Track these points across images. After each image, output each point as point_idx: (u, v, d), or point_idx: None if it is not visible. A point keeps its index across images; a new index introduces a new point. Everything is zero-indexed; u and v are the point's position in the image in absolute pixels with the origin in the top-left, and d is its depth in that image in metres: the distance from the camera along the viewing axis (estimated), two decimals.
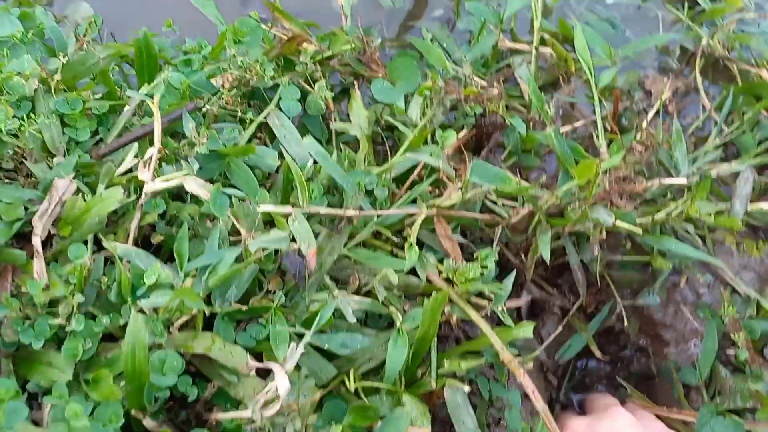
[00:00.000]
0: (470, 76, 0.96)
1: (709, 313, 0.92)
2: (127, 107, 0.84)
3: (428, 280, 0.80)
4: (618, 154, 0.76)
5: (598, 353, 0.94)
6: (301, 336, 0.70)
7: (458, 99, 0.95)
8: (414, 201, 0.84)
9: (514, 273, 0.78)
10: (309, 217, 0.76)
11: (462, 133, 0.94)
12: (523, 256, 0.90)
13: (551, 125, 0.84)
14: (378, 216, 0.80)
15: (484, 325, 0.73)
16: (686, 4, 1.16)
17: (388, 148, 0.98)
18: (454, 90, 0.93)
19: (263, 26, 0.96)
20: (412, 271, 0.80)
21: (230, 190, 0.73)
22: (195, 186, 0.70)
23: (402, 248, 0.84)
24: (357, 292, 0.80)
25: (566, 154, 0.82)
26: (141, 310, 0.67)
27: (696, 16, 1.16)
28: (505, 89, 1.01)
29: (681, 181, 0.80)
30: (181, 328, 0.69)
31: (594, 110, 0.95)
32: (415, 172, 0.88)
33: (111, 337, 0.71)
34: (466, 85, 0.97)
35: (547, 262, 0.80)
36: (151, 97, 0.79)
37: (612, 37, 1.15)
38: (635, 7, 1.19)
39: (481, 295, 0.79)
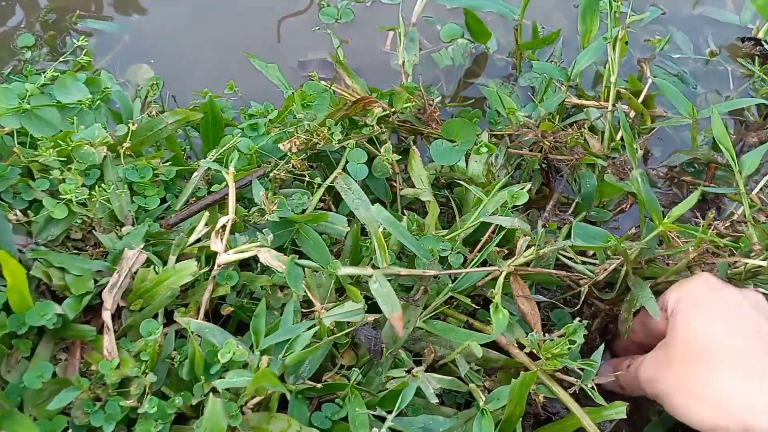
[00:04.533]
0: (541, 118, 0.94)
1: None
2: (195, 174, 0.82)
3: (507, 353, 0.76)
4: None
5: None
6: (378, 417, 0.67)
7: (526, 147, 0.92)
8: (484, 263, 0.81)
9: (602, 347, 0.74)
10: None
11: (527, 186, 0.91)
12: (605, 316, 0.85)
13: (636, 169, 0.79)
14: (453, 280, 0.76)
15: (574, 406, 0.68)
16: (757, 59, 1.12)
17: (454, 207, 0.95)
18: (531, 130, 0.90)
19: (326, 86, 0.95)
20: (491, 344, 0.76)
21: (304, 261, 0.70)
22: (269, 258, 0.68)
23: (474, 316, 0.80)
24: (432, 365, 0.77)
25: (652, 199, 0.77)
26: (214, 389, 0.64)
27: None
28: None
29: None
30: (254, 407, 0.66)
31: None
32: (487, 233, 0.85)
33: (180, 416, 0.68)
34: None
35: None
36: (224, 164, 0.77)
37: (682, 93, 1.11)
38: (703, 61, 1.15)
39: (565, 368, 0.75)
